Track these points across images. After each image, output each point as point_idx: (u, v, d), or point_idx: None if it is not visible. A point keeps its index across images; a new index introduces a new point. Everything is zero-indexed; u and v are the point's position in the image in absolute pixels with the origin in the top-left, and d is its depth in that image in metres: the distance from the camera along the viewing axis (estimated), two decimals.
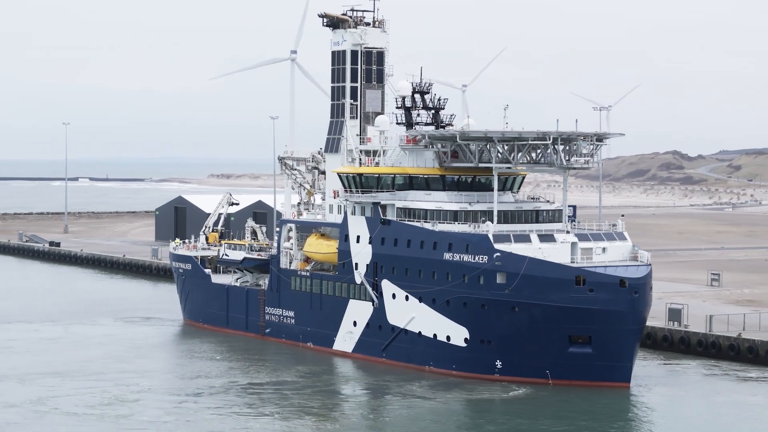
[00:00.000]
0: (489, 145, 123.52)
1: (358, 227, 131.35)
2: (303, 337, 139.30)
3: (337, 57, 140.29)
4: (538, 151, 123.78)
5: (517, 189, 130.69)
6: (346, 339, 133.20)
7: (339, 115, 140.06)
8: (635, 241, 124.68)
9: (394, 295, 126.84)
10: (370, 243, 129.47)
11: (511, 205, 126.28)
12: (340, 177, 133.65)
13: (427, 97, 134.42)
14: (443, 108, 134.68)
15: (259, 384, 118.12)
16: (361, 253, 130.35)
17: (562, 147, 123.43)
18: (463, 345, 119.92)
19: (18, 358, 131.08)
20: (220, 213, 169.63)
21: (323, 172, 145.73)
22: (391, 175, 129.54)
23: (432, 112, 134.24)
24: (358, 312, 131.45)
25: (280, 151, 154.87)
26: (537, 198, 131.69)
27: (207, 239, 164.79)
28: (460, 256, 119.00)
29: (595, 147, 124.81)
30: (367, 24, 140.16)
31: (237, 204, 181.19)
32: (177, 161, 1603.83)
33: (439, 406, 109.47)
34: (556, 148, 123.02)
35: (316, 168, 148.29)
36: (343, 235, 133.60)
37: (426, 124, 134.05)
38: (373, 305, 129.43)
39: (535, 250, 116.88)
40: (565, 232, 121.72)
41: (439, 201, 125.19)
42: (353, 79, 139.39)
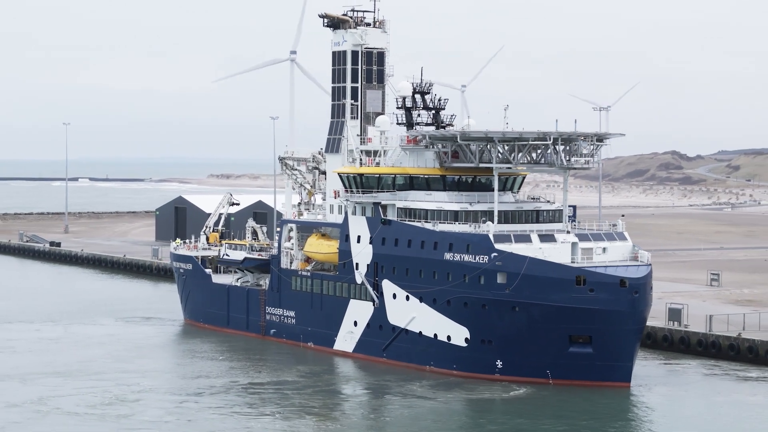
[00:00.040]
0: (489, 146, 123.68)
1: (359, 227, 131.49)
2: (304, 337, 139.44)
3: (337, 57, 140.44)
4: (539, 151, 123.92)
5: (518, 189, 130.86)
6: (347, 339, 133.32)
7: (339, 115, 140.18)
8: (635, 241, 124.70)
9: (394, 295, 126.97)
10: (371, 243, 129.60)
11: (512, 205, 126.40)
12: (341, 177, 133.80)
13: (427, 97, 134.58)
14: (444, 108, 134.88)
15: (259, 384, 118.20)
16: (362, 253, 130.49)
17: (563, 147, 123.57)
18: (464, 345, 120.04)
19: (19, 357, 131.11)
20: (220, 213, 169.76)
21: (324, 172, 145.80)
22: (392, 175, 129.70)
23: (432, 112, 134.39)
24: (358, 312, 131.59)
25: (281, 151, 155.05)
26: (537, 198, 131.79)
27: (207, 239, 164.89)
28: (460, 256, 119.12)
29: (595, 147, 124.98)
30: (368, 24, 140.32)
31: (237, 204, 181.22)
32: (177, 161, 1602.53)
33: (439, 405, 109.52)
34: (556, 148, 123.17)
35: (317, 168, 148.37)
36: (343, 235, 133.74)
37: (426, 125, 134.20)
38: (373, 305, 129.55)
39: (535, 250, 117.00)
40: (566, 232, 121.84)
41: (439, 201, 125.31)
42: (354, 79, 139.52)
